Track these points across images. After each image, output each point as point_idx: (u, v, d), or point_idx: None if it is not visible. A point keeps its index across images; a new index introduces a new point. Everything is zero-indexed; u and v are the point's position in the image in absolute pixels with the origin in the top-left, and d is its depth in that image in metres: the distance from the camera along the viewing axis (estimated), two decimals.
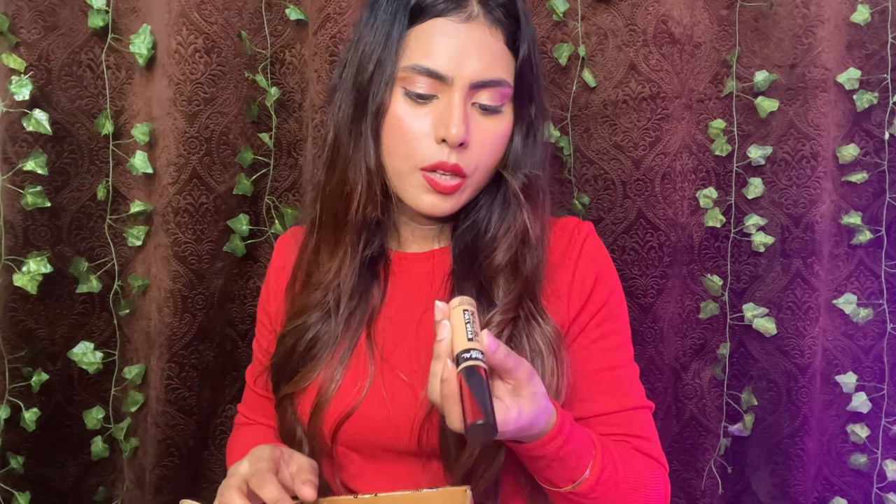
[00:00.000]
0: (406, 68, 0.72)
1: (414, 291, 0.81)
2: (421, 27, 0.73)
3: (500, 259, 0.77)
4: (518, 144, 0.78)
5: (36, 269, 1.10)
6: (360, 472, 0.80)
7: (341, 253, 0.80)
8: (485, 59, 0.72)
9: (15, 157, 1.10)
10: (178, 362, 1.15)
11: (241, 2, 1.13)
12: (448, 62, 0.71)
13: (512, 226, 0.78)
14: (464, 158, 0.73)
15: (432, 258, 0.83)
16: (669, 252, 1.17)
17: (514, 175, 0.78)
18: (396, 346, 0.78)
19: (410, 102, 0.73)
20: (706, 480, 1.25)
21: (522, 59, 0.75)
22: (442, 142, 0.72)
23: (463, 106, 0.72)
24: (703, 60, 1.17)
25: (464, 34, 0.72)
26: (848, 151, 1.16)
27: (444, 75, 0.71)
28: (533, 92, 0.78)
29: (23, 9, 1.10)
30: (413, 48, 0.73)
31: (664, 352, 1.20)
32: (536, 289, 0.78)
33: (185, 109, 1.10)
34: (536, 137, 0.79)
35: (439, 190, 0.74)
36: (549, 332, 0.75)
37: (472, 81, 0.72)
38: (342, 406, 0.76)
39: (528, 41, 0.76)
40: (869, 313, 1.19)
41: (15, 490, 1.14)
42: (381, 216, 0.80)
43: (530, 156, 0.79)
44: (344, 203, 0.78)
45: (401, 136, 0.74)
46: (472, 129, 0.73)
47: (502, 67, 0.74)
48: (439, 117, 0.72)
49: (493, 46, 0.73)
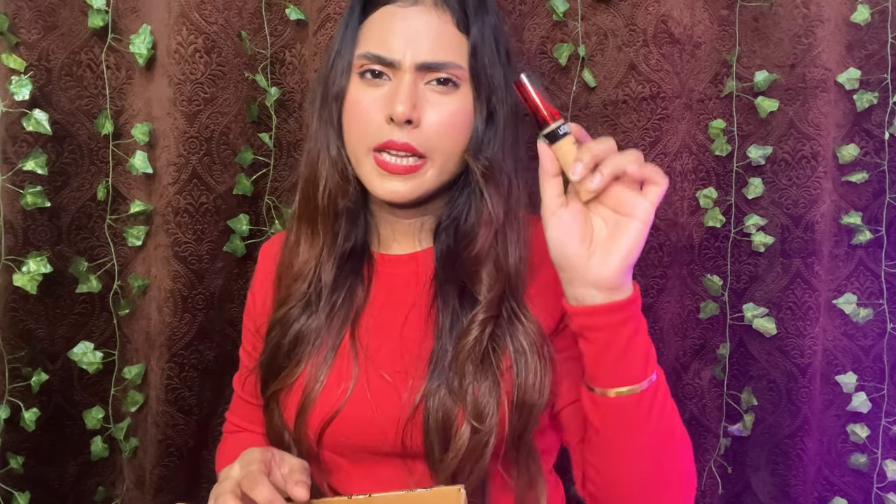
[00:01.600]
0: (359, 56, 0.75)
1: (397, 293, 0.81)
2: (373, 17, 0.76)
3: (478, 246, 0.77)
4: (479, 128, 0.77)
5: (36, 269, 1.10)
6: (347, 477, 0.80)
7: (319, 243, 0.81)
8: (431, 41, 0.74)
9: (15, 157, 1.10)
10: (178, 362, 1.15)
11: (241, 2, 1.13)
12: (396, 46, 0.73)
13: (482, 214, 0.78)
14: (415, 137, 0.74)
15: (415, 260, 0.83)
16: (669, 252, 1.17)
17: (476, 159, 0.77)
18: (380, 346, 0.78)
19: (364, 85, 0.75)
20: (706, 480, 1.25)
21: (475, 41, 0.75)
22: (390, 121, 0.73)
23: (412, 85, 0.73)
24: (703, 60, 1.17)
25: (411, 17, 0.74)
26: (848, 151, 1.16)
27: (391, 60, 0.73)
28: (490, 75, 0.77)
29: (23, 9, 1.10)
30: (366, 37, 0.76)
31: (664, 352, 1.20)
32: (520, 288, 0.77)
33: (185, 109, 1.10)
34: (498, 123, 0.78)
35: (391, 171, 0.74)
36: (533, 332, 0.75)
37: (418, 63, 0.73)
38: (327, 407, 0.77)
39: (484, 25, 0.76)
40: (869, 313, 1.19)
41: (15, 490, 1.14)
42: (352, 206, 0.81)
43: (492, 140, 0.78)
44: (314, 192, 0.80)
45: (355, 119, 0.76)
46: (424, 108, 0.74)
47: (452, 49, 0.75)
48: (388, 97, 0.74)
49: (441, 28, 0.74)
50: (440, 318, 0.77)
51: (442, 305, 0.77)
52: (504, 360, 0.75)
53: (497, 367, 0.74)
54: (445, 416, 0.72)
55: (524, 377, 0.74)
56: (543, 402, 0.74)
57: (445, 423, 0.72)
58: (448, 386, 0.73)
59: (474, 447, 0.72)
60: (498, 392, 0.73)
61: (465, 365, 0.73)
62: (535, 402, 0.73)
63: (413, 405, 0.74)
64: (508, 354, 0.75)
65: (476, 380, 0.73)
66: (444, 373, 0.74)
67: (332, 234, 0.81)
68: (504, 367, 0.74)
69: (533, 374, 0.74)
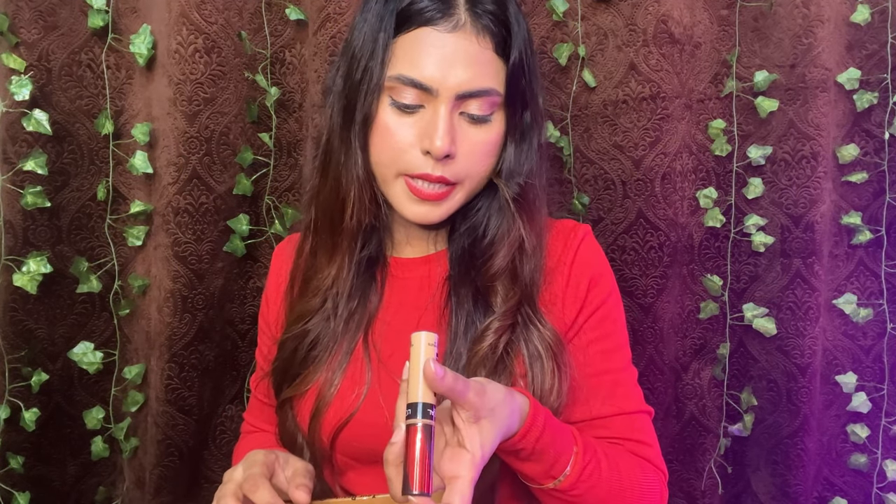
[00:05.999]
0: (392, 78, 0.72)
1: (411, 296, 0.81)
2: (408, 36, 0.72)
3: (497, 266, 0.77)
4: (511, 153, 0.77)
5: (36, 269, 1.10)
6: (359, 479, 0.80)
7: (339, 258, 0.80)
8: (472, 69, 0.71)
9: (15, 157, 1.10)
10: (178, 362, 1.15)
11: (241, 2, 1.13)
12: (434, 73, 0.70)
13: (508, 233, 0.77)
14: (449, 170, 0.73)
15: (429, 263, 0.82)
16: (669, 252, 1.17)
17: (508, 184, 0.77)
18: (393, 351, 0.78)
19: (397, 112, 0.73)
20: (706, 480, 1.25)
21: (513, 66, 0.73)
22: (426, 153, 0.72)
23: (449, 117, 0.71)
24: (703, 60, 1.17)
25: (450, 44, 0.71)
26: (848, 151, 1.16)
27: (429, 87, 0.70)
28: (526, 97, 0.76)
29: (23, 9, 1.10)
30: (400, 57, 0.72)
31: (664, 352, 1.20)
32: (534, 294, 0.77)
33: (185, 109, 1.10)
34: (531, 143, 0.78)
35: (423, 197, 0.74)
36: (549, 336, 0.75)
37: (458, 92, 0.71)
38: (341, 411, 0.77)
39: (520, 46, 0.74)
40: (869, 313, 1.19)
41: (15, 490, 1.14)
42: (375, 222, 0.80)
43: (525, 163, 0.78)
44: (339, 209, 0.78)
45: (387, 146, 0.73)
46: (459, 140, 0.72)
47: (490, 76, 0.73)
48: (424, 129, 0.72)
49: (480, 55, 0.72)
50: (453, 319, 0.77)
51: (456, 307, 0.77)
52: (518, 366, 0.74)
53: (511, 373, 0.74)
54: None
55: (539, 382, 0.73)
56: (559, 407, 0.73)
57: None
58: None
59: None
60: None
61: (478, 370, 0.73)
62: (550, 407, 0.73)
63: None
64: (523, 360, 0.74)
65: None
66: None
67: (351, 248, 0.80)
68: (518, 374, 0.74)
69: (550, 377, 0.74)
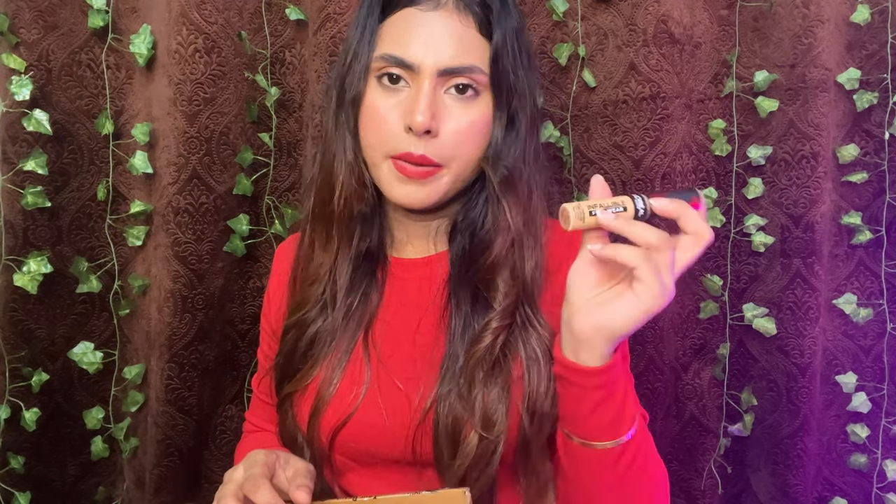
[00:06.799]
0: (378, 58, 0.74)
1: (411, 298, 0.81)
2: (393, 18, 0.74)
3: (494, 255, 0.76)
4: (498, 136, 0.76)
5: (36, 269, 1.10)
6: (358, 479, 0.80)
7: (333, 247, 0.80)
8: (454, 46, 0.72)
9: (15, 157, 1.10)
10: (178, 362, 1.15)
11: (241, 2, 1.13)
12: (416, 50, 0.72)
13: (500, 221, 0.77)
14: (433, 147, 0.73)
15: (430, 264, 0.82)
16: None
17: (494, 168, 0.76)
18: (393, 352, 0.78)
19: (382, 90, 0.74)
20: (706, 480, 1.25)
21: (497, 46, 0.74)
22: (409, 130, 0.72)
23: (432, 93, 0.71)
24: (703, 60, 1.17)
25: (432, 22, 0.72)
26: (848, 151, 1.16)
27: (411, 63, 0.72)
28: (512, 81, 0.75)
29: (23, 9, 1.10)
30: (385, 38, 0.74)
31: (664, 352, 1.20)
32: (535, 294, 0.77)
33: (185, 109, 1.10)
34: (519, 129, 0.77)
35: (409, 175, 0.73)
36: (547, 338, 0.75)
37: (440, 68, 0.72)
38: (339, 411, 0.76)
39: (506, 28, 0.74)
40: (869, 313, 1.19)
41: (15, 490, 1.14)
42: (368, 210, 0.80)
43: (512, 147, 0.77)
44: (329, 195, 0.79)
45: (374, 126, 0.74)
46: (444, 118, 0.73)
47: (473, 54, 0.73)
48: (408, 106, 0.72)
49: (463, 33, 0.73)
50: (452, 322, 0.76)
51: (455, 309, 0.77)
52: (516, 368, 0.74)
53: (508, 375, 0.74)
54: (455, 422, 0.72)
55: (536, 385, 0.73)
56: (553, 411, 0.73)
57: (455, 429, 0.72)
58: (458, 392, 0.73)
59: (482, 454, 0.71)
60: (508, 400, 0.72)
61: (476, 371, 0.73)
62: (547, 410, 0.73)
63: (423, 411, 0.73)
64: (520, 362, 0.74)
65: (486, 387, 0.72)
66: (455, 378, 0.73)
67: (347, 237, 0.80)
68: (516, 376, 0.74)
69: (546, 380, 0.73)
